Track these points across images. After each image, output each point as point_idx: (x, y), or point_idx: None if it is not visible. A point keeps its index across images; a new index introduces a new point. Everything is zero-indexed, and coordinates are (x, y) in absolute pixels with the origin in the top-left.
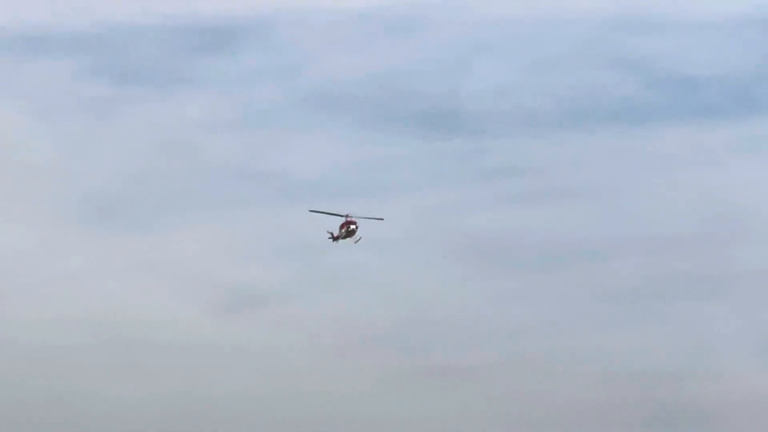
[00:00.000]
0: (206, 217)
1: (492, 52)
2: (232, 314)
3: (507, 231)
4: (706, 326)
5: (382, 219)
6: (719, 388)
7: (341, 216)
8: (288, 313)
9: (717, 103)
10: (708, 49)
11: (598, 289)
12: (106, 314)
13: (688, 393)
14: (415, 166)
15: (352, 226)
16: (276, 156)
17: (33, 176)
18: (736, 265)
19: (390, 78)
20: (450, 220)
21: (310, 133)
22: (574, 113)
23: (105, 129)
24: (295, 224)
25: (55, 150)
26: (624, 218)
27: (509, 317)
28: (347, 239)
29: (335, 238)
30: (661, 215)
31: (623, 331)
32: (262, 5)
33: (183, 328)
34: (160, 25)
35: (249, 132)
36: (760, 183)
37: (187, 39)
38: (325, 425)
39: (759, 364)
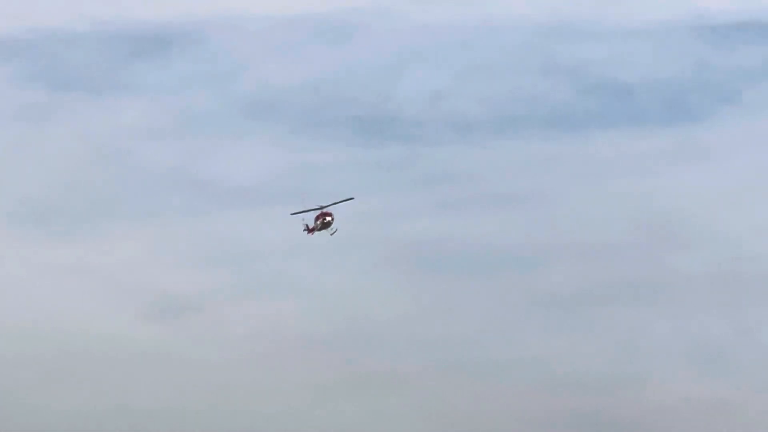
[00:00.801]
0: (139, 223)
1: (425, 58)
2: (165, 321)
3: (441, 238)
4: (638, 332)
5: (352, 198)
6: (652, 393)
7: (316, 209)
8: (221, 320)
9: (650, 110)
10: (641, 56)
11: (531, 296)
12: (37, 321)
13: (621, 399)
14: (349, 173)
15: (328, 218)
16: (210, 162)
17: None
18: (669, 272)
19: (324, 84)
20: (384, 226)
21: (244, 140)
22: (507, 120)
23: (39, 135)
24: (228, 231)
25: None
26: (557, 225)
27: (443, 324)
28: (323, 231)
29: (311, 231)
30: (593, 222)
31: (556, 337)
32: (196, 12)
33: (115, 335)
34: (95, 31)
35: (183, 138)
36: (692, 190)
37: (122, 45)
38: None
39: (691, 369)
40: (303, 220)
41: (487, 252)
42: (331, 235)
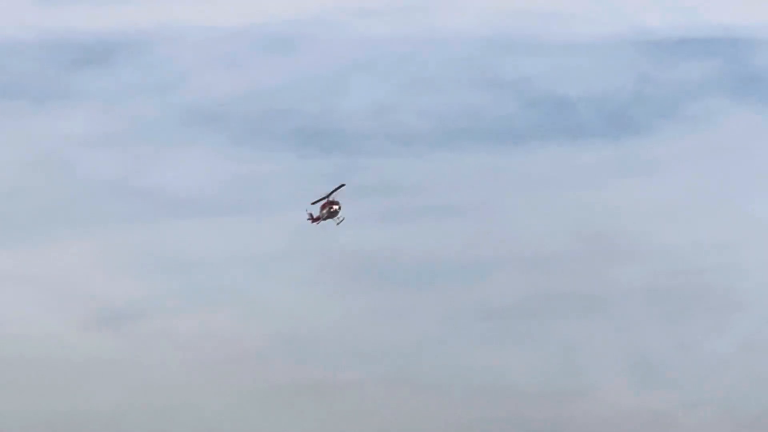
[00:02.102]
0: (81, 232)
1: (370, 70)
2: (107, 330)
3: (382, 249)
4: (578, 344)
5: (344, 185)
6: (593, 405)
7: (321, 199)
8: (162, 328)
9: (592, 124)
10: (583, 70)
11: (472, 307)
12: None
13: (562, 410)
14: (290, 183)
15: (335, 207)
16: (152, 172)
17: None
18: (609, 285)
19: (266, 95)
20: (325, 237)
21: (187, 150)
22: (450, 132)
23: None
24: (171, 240)
25: None
26: (499, 237)
27: (384, 334)
28: (328, 220)
29: (315, 220)
30: (535, 234)
31: (497, 348)
32: (139, 21)
33: (56, 342)
34: (37, 39)
35: (125, 148)
36: (633, 203)
37: (64, 54)
38: None
39: (633, 382)
40: (307, 209)
41: (428, 263)
42: (338, 224)
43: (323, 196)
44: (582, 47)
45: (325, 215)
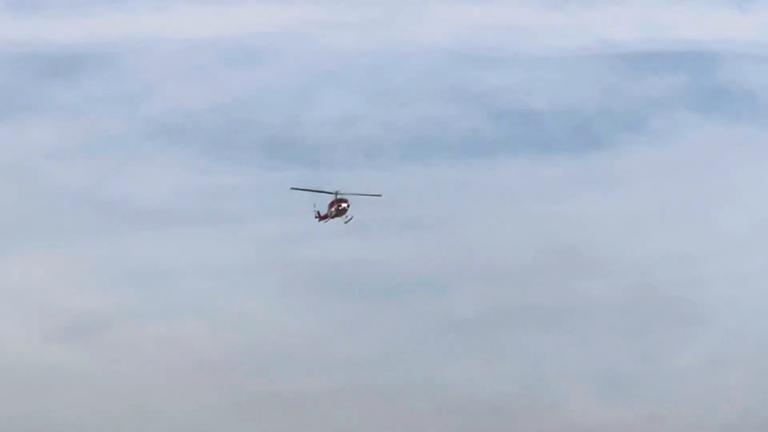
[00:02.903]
0: (47, 243)
1: (336, 82)
2: (71, 340)
3: (347, 261)
4: (545, 357)
5: (379, 195)
6: (559, 418)
7: (329, 193)
8: (128, 339)
9: (558, 137)
10: (549, 83)
11: (438, 320)
12: None
13: (529, 423)
14: (257, 195)
15: (343, 204)
16: (119, 183)
17: None
18: (576, 298)
19: (233, 107)
20: (290, 249)
21: (153, 161)
22: (416, 145)
23: None
24: (136, 252)
25: None
26: (465, 250)
27: (349, 346)
28: (337, 218)
29: (323, 218)
30: (501, 247)
31: (463, 361)
32: (107, 33)
33: (22, 353)
34: (3, 51)
35: (92, 159)
36: (600, 216)
37: (32, 66)
38: None
39: (597, 395)
40: (314, 206)
41: (394, 276)
42: (346, 223)
43: (335, 192)
44: (548, 61)
45: (334, 213)
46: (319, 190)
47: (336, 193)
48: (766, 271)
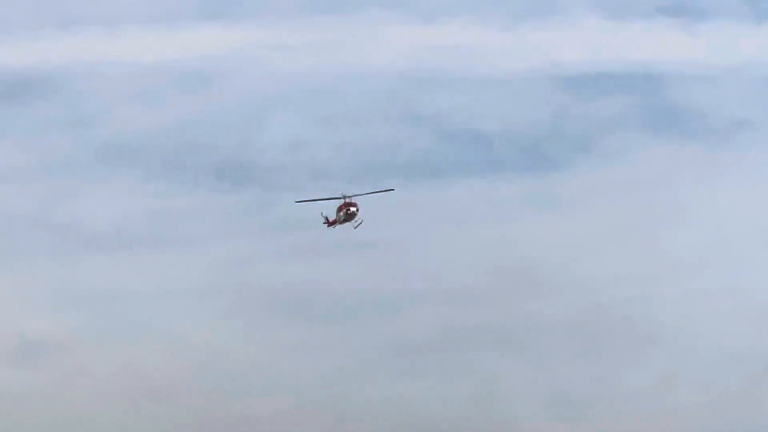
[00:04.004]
0: None
1: (286, 105)
2: (23, 364)
3: (299, 283)
4: (498, 378)
5: (392, 190)
6: None
7: (336, 199)
8: (79, 363)
9: (509, 158)
10: (500, 104)
11: (389, 341)
12: None
13: None
14: (207, 218)
15: (352, 209)
16: (69, 207)
17: None
18: (527, 318)
19: (183, 130)
20: (242, 271)
21: (102, 184)
22: (367, 167)
23: None
24: (86, 275)
25: None
26: (417, 271)
27: (300, 368)
28: (346, 223)
29: (331, 224)
30: (453, 268)
31: (415, 382)
32: (56, 56)
33: None
34: None
35: (43, 183)
36: (551, 237)
37: None
38: None
39: (549, 415)
40: (322, 213)
41: (346, 297)
42: (355, 228)
43: (342, 195)
44: (499, 82)
45: (342, 218)
46: (324, 198)
47: (344, 197)
48: (716, 291)
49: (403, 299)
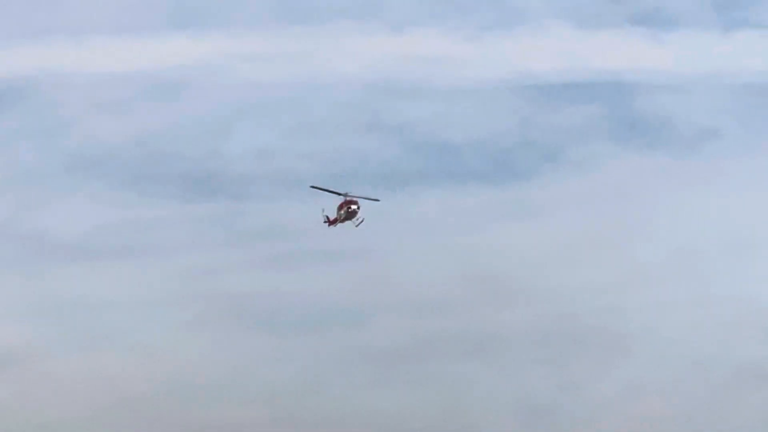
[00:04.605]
0: None
1: (253, 115)
2: None
3: (268, 293)
4: (465, 386)
5: (378, 200)
6: None
7: (339, 194)
8: (46, 373)
9: (476, 168)
10: (468, 114)
11: (357, 350)
12: None
13: None
14: (175, 228)
15: (353, 206)
16: (35, 217)
17: None
18: (496, 328)
19: (151, 140)
20: (210, 281)
21: (71, 195)
22: (334, 177)
23: None
24: (53, 285)
25: None
26: (385, 280)
27: (268, 377)
28: (346, 222)
29: (332, 222)
30: (421, 278)
31: (383, 391)
32: (24, 66)
33: None
34: None
35: (8, 192)
36: (518, 247)
37: None
38: None
39: (518, 423)
40: (323, 211)
41: (314, 307)
42: (357, 226)
43: (345, 193)
44: (467, 92)
45: (343, 216)
46: (333, 191)
47: (345, 195)
48: (684, 301)
49: (373, 309)
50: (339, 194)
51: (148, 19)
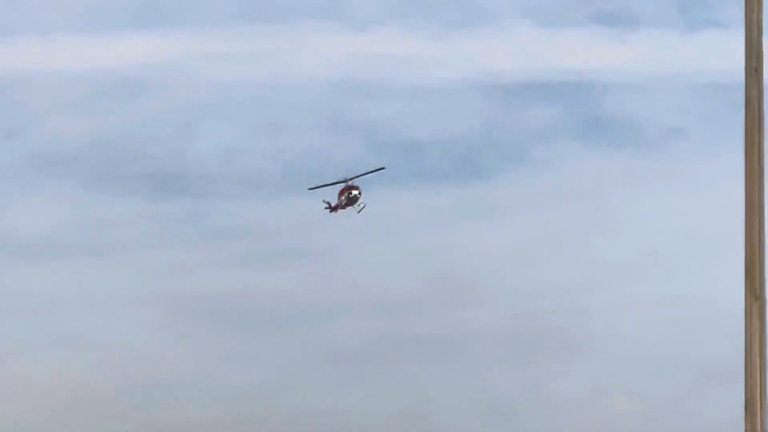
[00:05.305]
0: None
1: (218, 114)
2: None
3: (232, 292)
4: (429, 386)
5: (383, 168)
6: None
7: (340, 183)
8: (10, 373)
9: (440, 168)
10: (430, 114)
11: (322, 350)
12: None
13: None
14: (140, 227)
15: (354, 192)
16: (1, 216)
17: None
18: (459, 327)
19: (116, 139)
20: (174, 281)
21: (35, 193)
22: (299, 176)
23: None
24: (18, 284)
25: None
26: (349, 280)
27: (234, 376)
28: (348, 207)
29: (333, 209)
30: (384, 277)
31: (348, 391)
32: None
33: None
34: None
35: None
36: (483, 246)
37: None
38: None
39: (481, 423)
40: (324, 199)
41: (279, 306)
42: (359, 212)
43: (344, 179)
44: (429, 91)
45: (344, 202)
46: (331, 182)
47: (345, 180)
48: (647, 301)
49: (335, 309)
50: (339, 182)
51: (113, 17)
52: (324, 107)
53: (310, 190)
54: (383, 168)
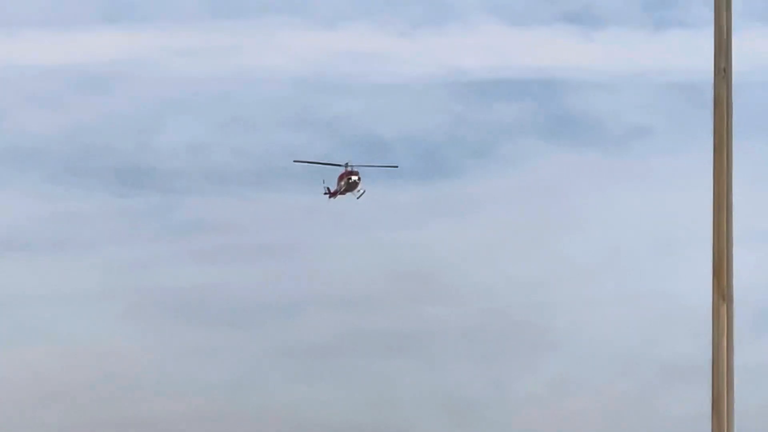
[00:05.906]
0: None
1: (184, 109)
2: None
3: (197, 287)
4: (394, 382)
5: (396, 167)
6: None
7: (337, 165)
8: None
9: (407, 164)
10: (397, 110)
11: (286, 345)
12: None
13: None
14: (105, 222)
15: (354, 177)
16: None
17: None
18: (424, 323)
19: (82, 134)
20: (140, 275)
21: (0, 188)
22: (265, 172)
23: None
24: None
25: None
26: (313, 276)
27: (198, 371)
28: (347, 193)
29: (333, 194)
30: (350, 273)
31: (312, 386)
32: None
33: None
34: None
35: None
36: (449, 243)
37: None
38: None
39: (446, 420)
40: (324, 182)
41: (244, 301)
42: (358, 198)
43: (345, 164)
44: (396, 88)
45: (344, 187)
46: (324, 162)
47: (346, 165)
48: (613, 297)
49: (301, 304)
50: (330, 164)
51: (80, 12)
52: (291, 103)
53: (296, 162)
54: (396, 166)
